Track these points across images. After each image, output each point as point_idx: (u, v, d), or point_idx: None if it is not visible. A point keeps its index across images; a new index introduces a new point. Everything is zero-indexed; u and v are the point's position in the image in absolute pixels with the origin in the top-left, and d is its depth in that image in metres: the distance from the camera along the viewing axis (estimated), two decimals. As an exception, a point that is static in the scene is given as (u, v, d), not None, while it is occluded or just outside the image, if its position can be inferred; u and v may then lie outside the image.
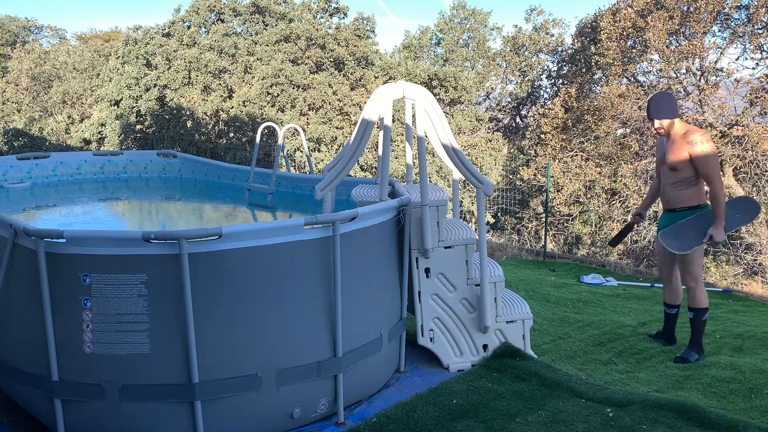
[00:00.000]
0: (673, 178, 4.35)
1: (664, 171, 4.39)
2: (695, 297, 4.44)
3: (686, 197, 4.35)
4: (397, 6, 60.98)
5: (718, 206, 4.19)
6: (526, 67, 18.56)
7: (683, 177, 4.30)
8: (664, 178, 4.43)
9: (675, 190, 4.36)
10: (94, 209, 5.77)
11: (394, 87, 4.04)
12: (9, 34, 28.13)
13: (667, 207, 4.47)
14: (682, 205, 4.37)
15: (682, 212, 4.38)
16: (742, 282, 9.52)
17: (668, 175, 4.36)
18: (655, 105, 4.31)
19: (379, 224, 3.71)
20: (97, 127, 17.17)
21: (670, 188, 4.38)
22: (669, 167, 4.32)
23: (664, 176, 4.41)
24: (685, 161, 4.23)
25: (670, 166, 4.31)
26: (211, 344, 3.10)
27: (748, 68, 12.49)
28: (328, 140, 14.40)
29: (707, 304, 4.48)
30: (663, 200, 4.50)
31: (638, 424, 3.32)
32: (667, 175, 4.37)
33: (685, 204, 4.36)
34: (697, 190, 4.34)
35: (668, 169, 4.34)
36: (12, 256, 3.22)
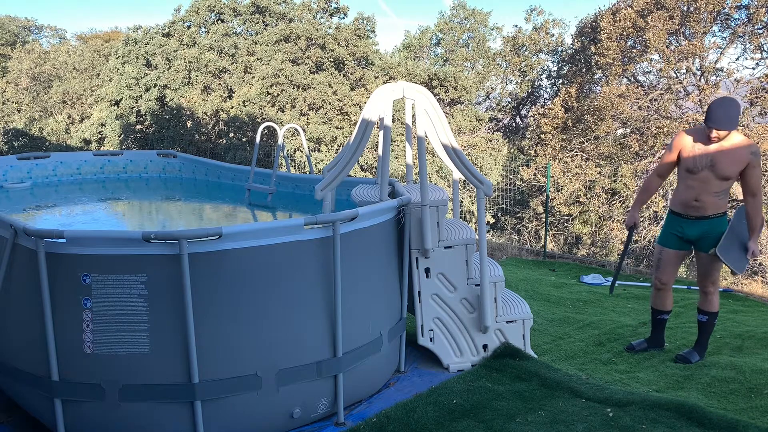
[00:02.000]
0: (718, 187, 4.05)
1: (707, 177, 4.03)
2: (712, 301, 4.35)
3: (722, 205, 4.14)
4: (398, 6, 60.99)
5: (759, 220, 4.06)
6: (526, 67, 18.56)
7: (727, 187, 4.06)
8: (702, 185, 4.06)
9: (715, 198, 4.08)
10: (94, 209, 5.77)
11: (394, 87, 4.04)
12: (9, 34, 28.13)
13: (698, 215, 4.15)
14: (718, 212, 4.14)
15: (716, 219, 4.15)
16: (742, 282, 9.51)
17: (713, 183, 4.03)
18: (725, 114, 3.90)
19: (379, 224, 3.71)
20: (97, 127, 17.17)
21: (711, 196, 4.07)
22: (720, 175, 4.00)
23: (706, 182, 4.05)
24: (739, 170, 3.98)
25: (723, 174, 3.99)
26: (211, 344, 3.10)
27: (748, 68, 12.50)
28: (328, 140, 14.40)
29: (719, 309, 4.44)
30: (692, 208, 4.15)
31: (638, 424, 3.32)
32: (711, 183, 4.04)
33: (720, 211, 4.15)
34: (728, 197, 4.17)
35: (717, 177, 4.01)
36: (12, 256, 3.22)
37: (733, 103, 3.95)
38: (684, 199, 4.16)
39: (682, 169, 4.15)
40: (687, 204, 4.15)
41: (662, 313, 4.59)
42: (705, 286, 4.34)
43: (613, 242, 12.54)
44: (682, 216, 4.21)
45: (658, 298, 4.55)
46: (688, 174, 4.11)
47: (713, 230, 4.16)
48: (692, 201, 4.12)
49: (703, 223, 4.15)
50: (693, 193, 4.11)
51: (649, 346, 4.64)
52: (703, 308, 4.40)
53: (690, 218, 4.17)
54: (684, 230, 4.23)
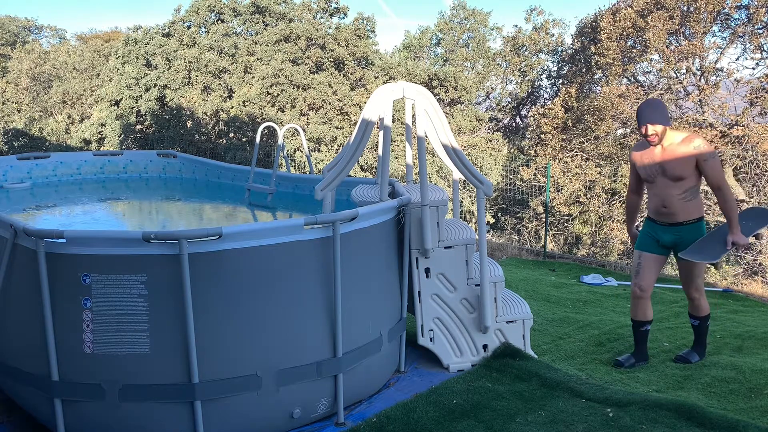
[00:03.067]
0: (678, 189, 4.02)
1: (664, 183, 4.05)
2: (700, 306, 4.33)
3: (693, 209, 4.07)
4: (398, 6, 61.00)
5: (732, 211, 4.00)
6: (526, 67, 18.57)
7: (689, 186, 4.01)
8: (663, 191, 4.07)
9: (682, 201, 4.04)
10: (94, 209, 5.77)
11: (394, 87, 4.04)
12: (9, 34, 28.14)
13: (670, 221, 4.12)
14: (691, 217, 4.08)
15: (689, 225, 4.09)
16: (742, 282, 9.52)
17: (671, 186, 4.03)
18: (650, 110, 4.00)
19: (379, 224, 3.71)
20: (97, 127, 17.17)
21: (677, 200, 4.04)
22: (673, 177, 4.00)
23: (664, 188, 4.06)
24: (691, 168, 3.96)
25: (675, 176, 3.99)
26: (211, 344, 3.10)
27: (748, 68, 12.50)
28: (328, 140, 14.41)
29: (709, 311, 4.42)
30: (663, 215, 4.13)
31: (638, 424, 3.32)
32: (670, 187, 4.03)
33: (693, 216, 4.08)
34: (700, 201, 4.10)
35: (671, 180, 4.01)
36: (12, 256, 3.22)
37: (657, 101, 4.07)
38: (654, 207, 4.18)
39: (645, 183, 4.24)
40: (658, 211, 4.16)
41: (644, 323, 4.41)
42: (689, 293, 4.30)
43: (613, 242, 12.55)
44: (656, 222, 4.21)
45: (638, 308, 4.37)
46: (649, 185, 4.17)
47: (688, 237, 4.10)
48: (661, 208, 4.12)
49: (677, 230, 4.12)
50: (659, 200, 4.12)
51: (636, 360, 4.44)
52: (693, 313, 4.40)
53: (663, 224, 4.16)
54: (659, 235, 4.21)
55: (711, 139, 11.53)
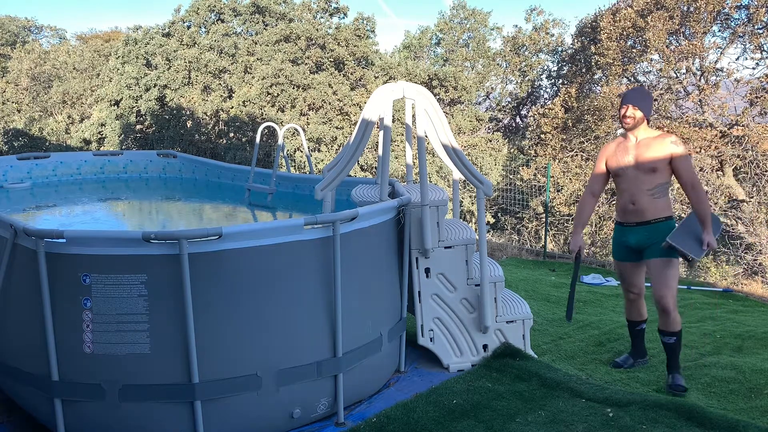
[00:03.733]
0: (649, 184, 3.84)
1: (634, 176, 3.88)
2: (675, 319, 3.91)
3: (662, 207, 3.88)
4: (398, 6, 61.01)
5: (706, 211, 3.83)
6: (526, 67, 18.57)
7: (659, 183, 3.85)
8: (632, 186, 3.89)
9: (651, 198, 3.85)
10: (94, 209, 5.77)
11: (394, 87, 4.04)
12: (9, 34, 28.14)
13: (638, 220, 3.91)
14: (659, 216, 3.88)
15: (657, 224, 3.88)
16: (742, 282, 9.51)
17: (642, 179, 3.86)
18: (637, 95, 3.92)
19: (379, 224, 3.72)
20: (97, 127, 17.18)
21: (646, 197, 3.86)
22: (645, 169, 3.84)
23: (634, 182, 3.89)
24: (664, 162, 3.81)
25: (647, 168, 3.83)
26: (211, 344, 3.10)
27: (748, 68, 12.51)
28: (328, 140, 14.41)
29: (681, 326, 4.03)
30: (631, 213, 3.93)
31: (638, 424, 3.32)
32: (640, 180, 3.86)
33: (662, 215, 3.88)
34: (669, 200, 3.93)
35: (643, 173, 3.85)
36: (12, 256, 3.22)
37: (646, 90, 4.00)
38: (622, 206, 4.00)
39: (614, 177, 4.05)
40: (625, 209, 3.97)
41: (639, 323, 4.31)
42: (663, 302, 3.85)
43: (607, 240, 12.55)
44: (624, 224, 4.01)
45: (632, 309, 4.28)
46: (619, 179, 3.99)
47: (658, 236, 3.86)
48: (629, 205, 3.93)
49: (645, 229, 3.91)
50: (627, 196, 3.94)
51: (635, 360, 4.34)
52: (666, 328, 3.94)
53: (631, 225, 3.96)
54: (627, 238, 4.00)
55: (711, 139, 11.54)
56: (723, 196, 11.72)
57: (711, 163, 11.76)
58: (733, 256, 11.11)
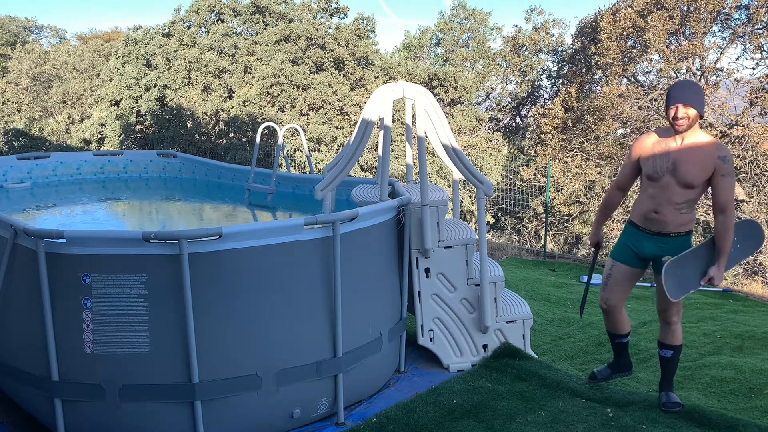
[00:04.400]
0: (680, 197, 3.36)
1: (668, 185, 3.37)
2: (675, 333, 3.61)
3: (686, 222, 3.45)
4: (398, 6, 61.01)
5: (728, 242, 3.36)
6: (526, 67, 18.57)
7: (691, 198, 3.37)
8: (662, 194, 3.40)
9: (677, 211, 3.39)
10: (94, 209, 5.77)
11: (394, 87, 4.04)
12: (9, 34, 28.13)
13: (658, 230, 3.46)
14: (680, 230, 3.45)
15: (676, 238, 3.46)
16: (742, 282, 9.52)
17: (675, 191, 3.35)
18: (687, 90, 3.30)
19: (379, 224, 3.72)
20: (97, 127, 17.17)
21: (672, 208, 3.39)
22: (683, 181, 3.32)
23: (666, 191, 3.38)
24: (706, 176, 3.30)
25: (685, 181, 3.31)
26: (211, 344, 3.10)
27: (748, 68, 12.51)
28: (328, 140, 14.41)
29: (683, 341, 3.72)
30: (652, 221, 3.47)
31: (638, 424, 3.32)
32: (673, 191, 3.36)
33: (683, 229, 3.46)
34: (693, 215, 3.50)
35: (678, 184, 3.34)
36: (12, 256, 3.22)
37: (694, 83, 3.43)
38: (644, 210, 3.51)
39: (644, 177, 3.54)
40: (646, 216, 3.50)
41: (620, 336, 3.80)
42: (667, 315, 3.58)
43: (613, 242, 12.54)
44: (640, 228, 3.55)
45: (609, 322, 3.77)
46: (650, 182, 3.48)
47: (674, 251, 3.46)
48: (651, 213, 3.46)
49: (662, 241, 3.48)
50: (653, 204, 3.45)
51: (614, 372, 3.87)
52: (666, 341, 3.62)
53: (648, 232, 3.51)
54: (640, 245, 3.56)
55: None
56: (723, 196, 11.69)
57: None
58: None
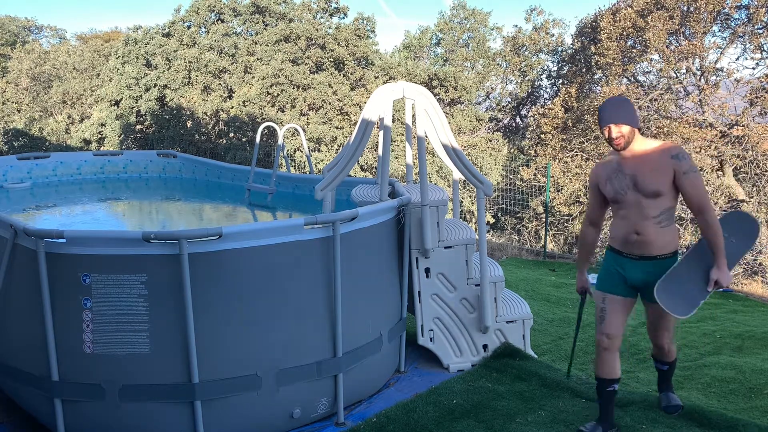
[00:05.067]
0: (654, 209, 3.10)
1: (636, 201, 3.13)
2: (671, 351, 3.52)
3: (670, 239, 3.16)
4: (398, 6, 61.01)
5: (719, 240, 3.10)
6: (526, 67, 18.58)
7: (666, 208, 3.12)
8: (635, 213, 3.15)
9: (658, 227, 3.12)
10: (94, 209, 5.77)
11: (394, 87, 4.04)
12: (9, 34, 28.13)
13: (642, 253, 3.17)
14: (666, 251, 3.16)
15: (663, 261, 3.17)
16: (742, 282, 9.51)
17: (645, 204, 3.11)
18: (613, 108, 3.14)
19: (379, 224, 3.72)
20: (97, 127, 17.17)
21: (652, 225, 3.12)
22: (647, 192, 3.09)
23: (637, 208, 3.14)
24: (668, 181, 3.08)
25: (650, 191, 3.08)
26: (211, 344, 3.10)
27: (748, 68, 12.51)
28: (328, 140, 14.41)
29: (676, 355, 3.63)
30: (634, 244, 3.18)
31: (638, 424, 3.32)
32: (644, 205, 3.12)
33: (669, 249, 3.17)
34: (676, 229, 3.22)
35: (645, 196, 3.10)
36: (12, 256, 3.22)
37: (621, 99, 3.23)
38: (623, 234, 3.22)
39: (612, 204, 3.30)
40: (627, 239, 3.21)
41: (612, 382, 3.30)
42: (660, 342, 3.41)
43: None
44: (623, 254, 3.25)
45: (605, 363, 3.30)
46: (617, 205, 3.25)
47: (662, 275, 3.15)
48: (632, 234, 3.17)
49: (649, 265, 3.18)
50: (630, 225, 3.18)
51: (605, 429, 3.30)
52: (665, 359, 3.55)
53: (633, 257, 3.20)
54: (626, 272, 3.25)
55: (711, 139, 11.54)
56: (723, 196, 11.72)
57: (711, 163, 11.77)
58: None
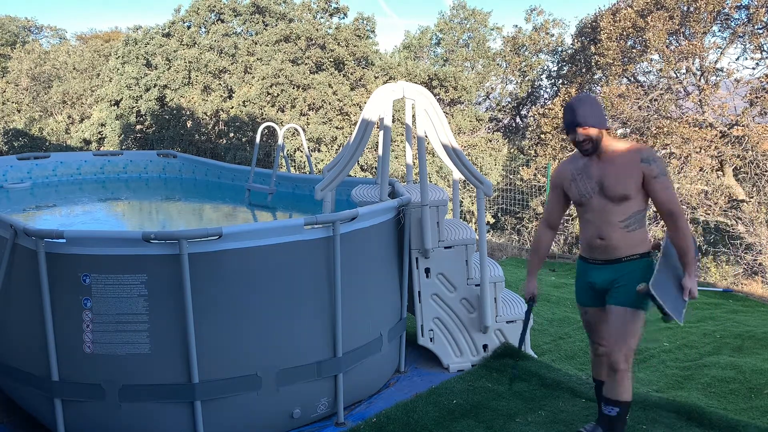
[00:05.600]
0: (620, 215, 2.96)
1: (601, 205, 2.99)
2: (623, 384, 2.98)
3: (639, 241, 2.99)
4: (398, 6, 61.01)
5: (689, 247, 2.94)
6: (526, 67, 18.57)
7: (634, 212, 2.96)
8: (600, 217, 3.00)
9: (624, 231, 2.96)
10: (94, 209, 5.77)
11: (394, 87, 4.04)
12: (9, 34, 28.12)
13: (607, 257, 3.02)
14: (633, 252, 2.99)
15: (629, 263, 2.99)
16: (742, 282, 9.51)
17: (611, 209, 2.97)
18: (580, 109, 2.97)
19: (379, 224, 3.71)
20: (97, 127, 17.17)
21: (618, 229, 2.96)
22: (614, 196, 2.95)
23: (602, 213, 2.99)
24: (636, 185, 2.93)
25: (616, 195, 2.94)
26: (211, 344, 3.10)
27: (748, 68, 12.51)
28: (328, 140, 14.41)
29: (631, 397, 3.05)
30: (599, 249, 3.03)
31: (638, 424, 3.32)
32: (609, 210, 2.97)
33: (637, 251, 2.99)
34: (646, 232, 3.06)
35: (611, 201, 2.96)
36: (12, 256, 3.22)
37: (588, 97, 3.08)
38: (588, 239, 3.10)
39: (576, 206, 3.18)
40: (591, 244, 3.08)
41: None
42: (616, 357, 2.97)
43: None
44: (588, 261, 3.13)
45: (599, 366, 3.24)
46: (581, 208, 3.12)
47: (628, 277, 2.98)
48: (596, 239, 3.03)
49: (614, 268, 3.02)
50: (594, 229, 3.04)
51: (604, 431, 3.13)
52: (611, 396, 3.01)
53: (597, 263, 3.07)
54: (592, 278, 3.11)
55: (711, 139, 11.54)
56: (723, 196, 11.72)
57: (711, 163, 11.77)
58: (733, 256, 11.10)
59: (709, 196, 11.20)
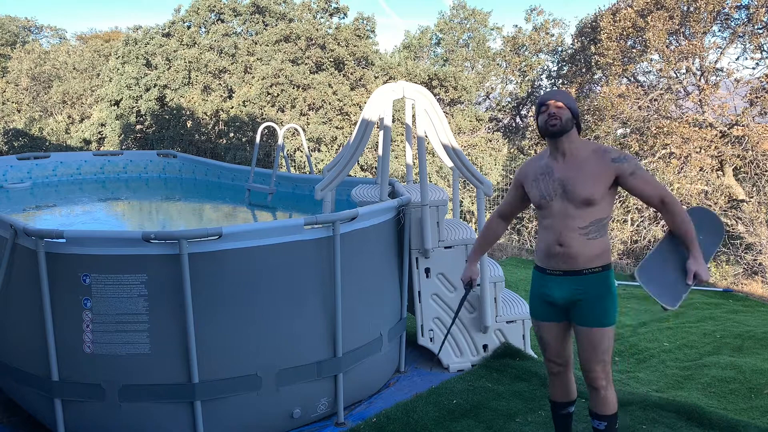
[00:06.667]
0: (581, 221, 2.72)
1: (562, 209, 2.75)
2: (607, 399, 2.83)
3: (599, 252, 2.75)
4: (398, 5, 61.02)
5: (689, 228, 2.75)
6: (526, 67, 18.58)
7: (597, 218, 2.73)
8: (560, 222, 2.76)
9: (585, 239, 2.73)
10: (94, 209, 5.77)
11: (394, 87, 4.04)
12: (9, 34, 28.12)
13: (567, 267, 2.78)
14: (594, 264, 2.75)
15: (591, 276, 2.75)
16: (742, 282, 9.51)
17: (573, 213, 2.73)
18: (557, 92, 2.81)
19: (379, 224, 3.71)
20: (97, 127, 17.18)
21: (578, 236, 2.73)
22: (577, 200, 2.71)
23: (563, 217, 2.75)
24: (604, 188, 2.71)
25: (580, 198, 2.70)
26: (211, 344, 3.10)
27: (748, 68, 12.53)
28: (328, 140, 14.41)
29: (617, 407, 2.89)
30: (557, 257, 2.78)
31: (638, 424, 3.32)
32: (571, 214, 2.73)
33: (598, 263, 2.75)
34: (608, 241, 2.82)
35: (574, 205, 2.72)
36: (12, 256, 3.22)
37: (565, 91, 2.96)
38: (546, 246, 2.85)
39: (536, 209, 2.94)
40: (550, 252, 2.82)
41: (566, 405, 3.03)
42: (593, 377, 2.80)
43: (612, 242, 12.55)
44: (546, 272, 2.87)
45: (555, 387, 3.01)
46: (541, 211, 2.88)
47: (591, 292, 2.75)
48: (554, 246, 2.79)
49: (575, 281, 2.78)
50: (553, 235, 2.79)
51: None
52: (598, 410, 2.85)
53: (555, 273, 2.83)
54: (550, 291, 2.87)
55: (711, 139, 11.54)
56: (723, 196, 11.72)
57: (711, 163, 11.77)
58: (733, 256, 11.10)
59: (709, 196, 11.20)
